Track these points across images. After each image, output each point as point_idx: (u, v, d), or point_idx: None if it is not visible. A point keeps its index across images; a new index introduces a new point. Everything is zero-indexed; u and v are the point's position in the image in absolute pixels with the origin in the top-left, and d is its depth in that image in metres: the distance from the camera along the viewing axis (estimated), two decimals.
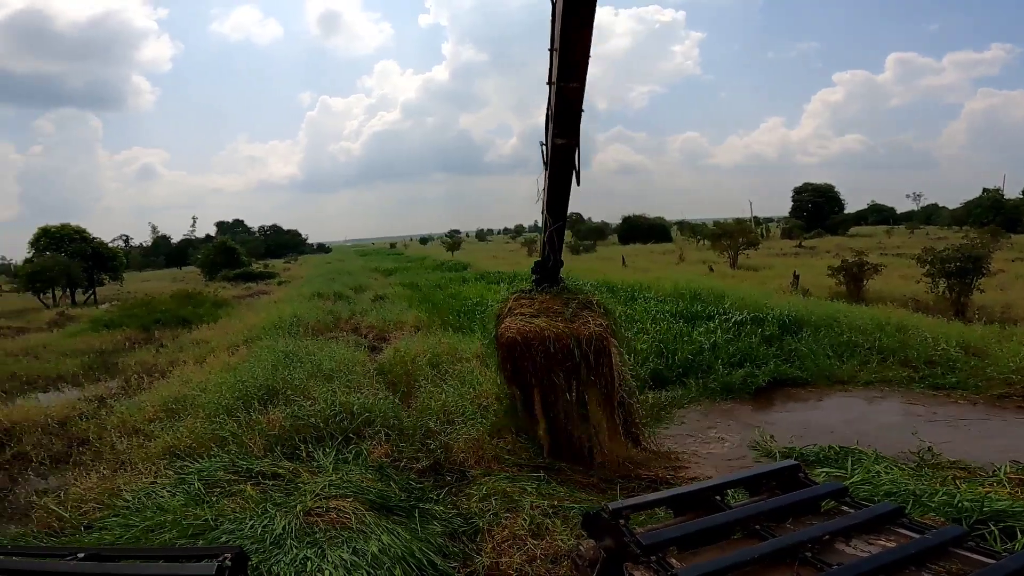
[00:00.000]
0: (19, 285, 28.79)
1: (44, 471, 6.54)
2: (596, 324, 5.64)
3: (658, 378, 8.23)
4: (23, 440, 7.19)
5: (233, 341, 12.05)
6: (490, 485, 5.04)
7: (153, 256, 77.62)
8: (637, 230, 61.57)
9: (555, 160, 5.07)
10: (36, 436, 7.30)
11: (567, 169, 5.15)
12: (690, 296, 13.32)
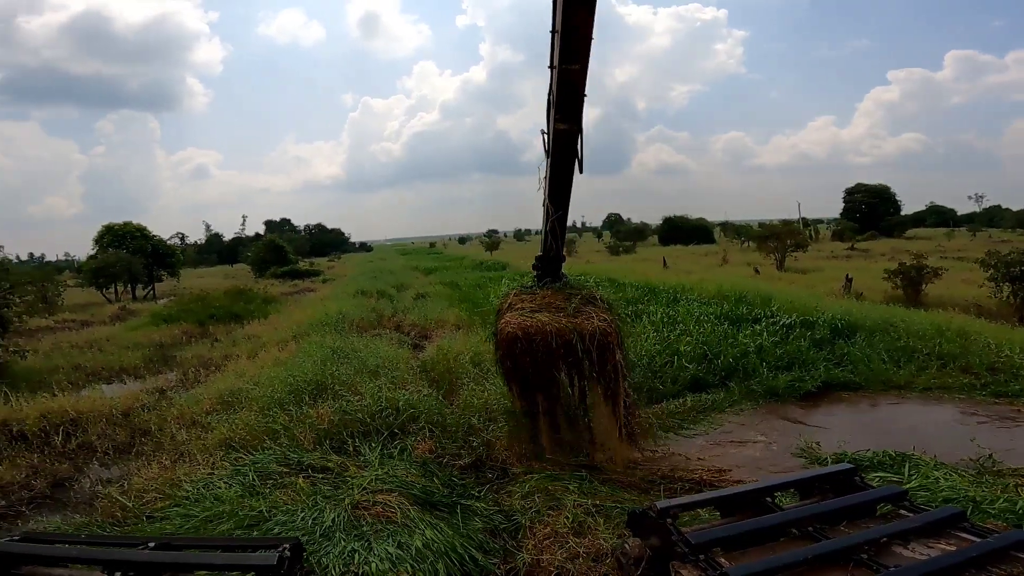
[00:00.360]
0: (84, 280, 30.54)
1: (108, 461, 6.83)
2: (600, 320, 5.45)
3: (699, 381, 8.10)
4: (88, 430, 7.45)
5: (282, 337, 12.47)
6: (532, 483, 5.07)
7: (206, 253, 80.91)
8: (678, 231, 60.51)
9: (556, 147, 4.91)
10: (101, 426, 7.57)
11: (569, 156, 5.00)
12: (735, 298, 13.00)
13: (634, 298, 14.04)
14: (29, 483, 6.12)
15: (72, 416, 7.71)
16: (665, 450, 6.13)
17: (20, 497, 5.83)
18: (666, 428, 6.74)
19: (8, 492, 5.91)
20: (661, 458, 5.92)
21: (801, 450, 5.90)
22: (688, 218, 64.64)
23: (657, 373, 8.09)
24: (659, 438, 6.48)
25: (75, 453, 7.03)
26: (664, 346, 8.91)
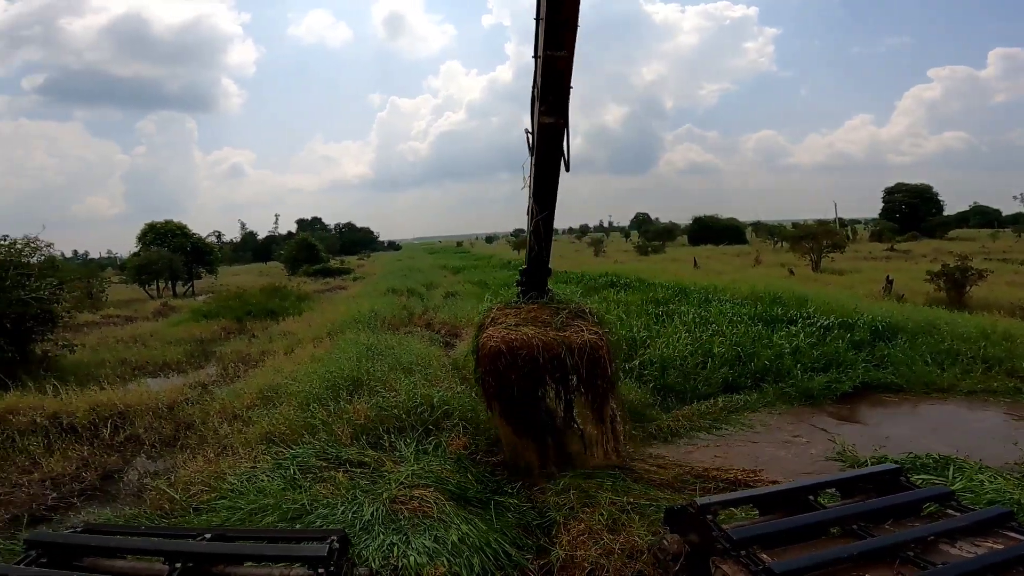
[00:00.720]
0: (127, 277, 31.73)
1: (154, 453, 7.00)
2: (590, 333, 5.15)
3: (732, 381, 8.04)
4: (135, 423, 7.67)
5: (317, 334, 12.74)
6: (566, 480, 5.11)
7: (241, 251, 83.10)
8: (709, 231, 59.58)
9: (541, 142, 4.58)
10: (147, 419, 7.76)
11: (555, 152, 4.66)
12: (769, 299, 12.79)
13: (664, 298, 13.91)
14: (80, 475, 6.26)
15: (120, 409, 7.91)
16: (697, 450, 6.11)
17: (71, 489, 5.96)
18: (698, 428, 6.72)
19: (60, 484, 6.04)
20: (694, 458, 5.91)
21: (837, 453, 5.81)
22: (719, 218, 63.62)
23: (689, 374, 8.04)
24: (692, 438, 6.46)
25: (123, 445, 7.21)
26: (696, 346, 8.83)
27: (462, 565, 4.00)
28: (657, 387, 7.74)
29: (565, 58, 4.07)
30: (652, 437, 6.49)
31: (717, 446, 6.26)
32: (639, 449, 6.12)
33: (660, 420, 6.85)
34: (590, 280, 20.83)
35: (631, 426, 6.43)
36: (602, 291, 16.81)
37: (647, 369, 8.25)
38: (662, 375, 7.97)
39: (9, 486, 5.92)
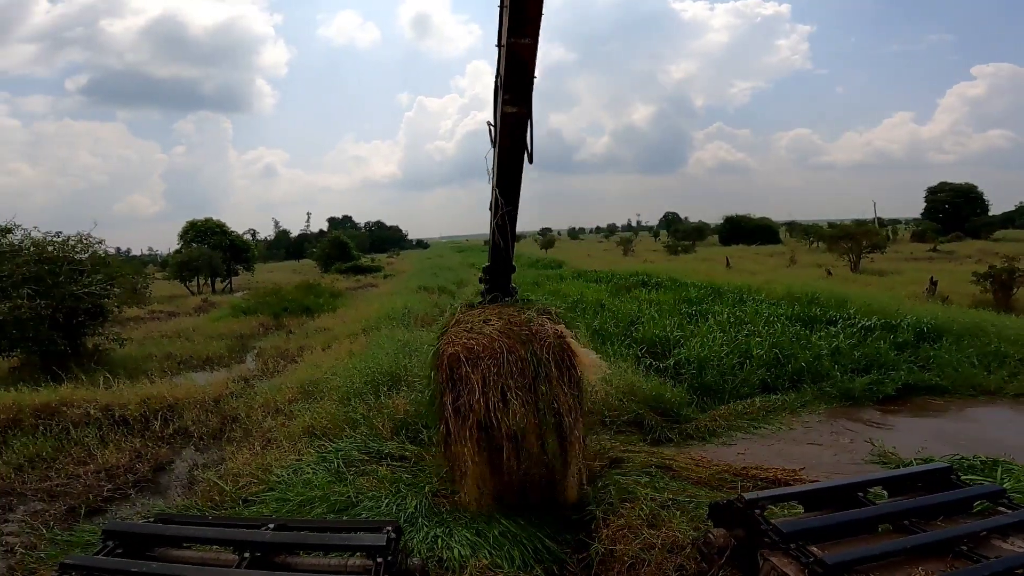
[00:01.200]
0: (169, 273, 32.84)
1: (203, 446, 7.19)
2: (555, 333, 4.68)
3: (770, 382, 7.95)
4: (184, 416, 7.88)
5: (352, 330, 13.00)
6: (605, 478, 5.14)
7: (275, 249, 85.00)
8: (741, 231, 58.38)
9: (505, 133, 4.38)
10: (195, 412, 7.97)
11: (519, 144, 4.45)
12: (806, 300, 12.55)
13: (698, 298, 13.77)
14: (133, 466, 6.43)
15: (169, 402, 8.14)
16: (736, 449, 6.08)
17: (126, 480, 6.12)
18: (736, 428, 6.67)
19: (114, 475, 6.20)
20: (732, 456, 5.87)
21: (879, 455, 5.71)
22: (751, 217, 62.33)
23: (726, 374, 7.97)
24: (730, 437, 6.43)
25: (172, 438, 7.42)
26: (733, 346, 8.74)
27: (503, 557, 4.09)
28: (693, 386, 7.70)
29: (529, 46, 3.96)
30: (689, 436, 6.47)
31: (756, 445, 6.21)
32: (677, 448, 6.12)
33: (698, 419, 6.82)
34: (620, 279, 20.70)
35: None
36: (633, 290, 16.71)
37: (683, 368, 8.20)
38: (699, 374, 7.92)
39: (66, 477, 6.11)
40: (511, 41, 3.95)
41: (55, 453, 6.69)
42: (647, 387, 7.16)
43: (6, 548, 4.66)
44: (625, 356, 8.67)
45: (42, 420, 7.46)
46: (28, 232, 11.72)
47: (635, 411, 6.72)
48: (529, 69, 4.11)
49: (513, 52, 4.01)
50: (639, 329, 10.16)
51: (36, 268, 10.82)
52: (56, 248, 11.74)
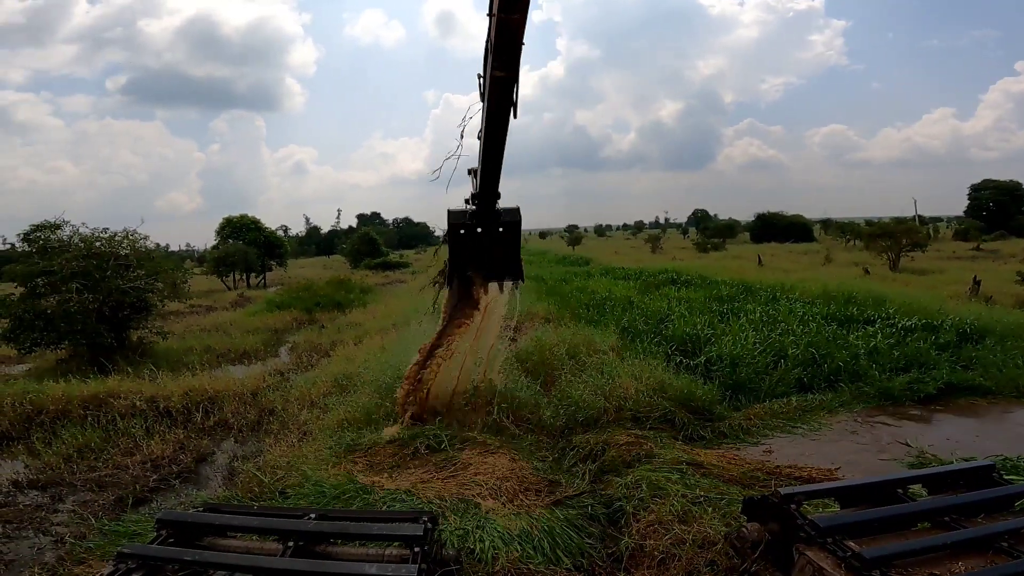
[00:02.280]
0: (207, 268, 33.81)
1: (241, 438, 7.38)
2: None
3: (806, 381, 7.81)
4: (224, 408, 8.10)
5: (383, 325, 13.23)
6: (635, 473, 5.15)
7: (306, 245, 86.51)
8: (773, 228, 57.16)
9: (493, 93, 4.97)
10: (234, 405, 8.18)
11: (505, 103, 5.06)
12: (843, 299, 12.26)
13: (729, 296, 13.57)
14: (177, 457, 6.62)
15: (210, 395, 8.39)
16: (770, 448, 6.00)
17: (170, 471, 6.28)
18: (771, 427, 6.57)
19: (159, 466, 6.38)
20: (766, 455, 5.81)
21: (918, 455, 5.57)
22: (784, 214, 60.94)
23: (759, 372, 7.86)
24: (764, 436, 6.35)
25: (213, 430, 7.63)
26: (766, 345, 8.61)
27: (535, 548, 4.15)
28: (725, 384, 7.61)
29: (518, 19, 4.29)
30: (722, 435, 6.40)
31: (791, 445, 6.12)
32: (709, 446, 6.08)
33: (731, 418, 6.75)
34: (648, 277, 20.53)
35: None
36: (662, 288, 16.57)
37: (714, 366, 8.12)
38: (731, 372, 7.83)
39: (113, 467, 6.34)
40: (502, 16, 4.28)
41: (103, 444, 6.95)
42: (678, 384, 7.12)
43: (56, 538, 4.82)
44: (655, 354, 8.62)
45: (90, 411, 7.78)
46: (76, 228, 12.20)
47: (666, 408, 6.68)
48: (518, 39, 4.48)
49: (504, 24, 4.35)
50: (669, 327, 10.08)
51: (84, 263, 11.25)
52: (103, 244, 12.18)
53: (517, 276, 6.82)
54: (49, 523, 5.13)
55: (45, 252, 11.45)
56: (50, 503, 5.59)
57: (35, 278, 11.03)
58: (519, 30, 4.41)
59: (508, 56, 4.64)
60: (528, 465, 5.45)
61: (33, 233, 11.90)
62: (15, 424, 7.57)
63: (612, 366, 7.68)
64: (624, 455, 5.71)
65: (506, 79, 4.83)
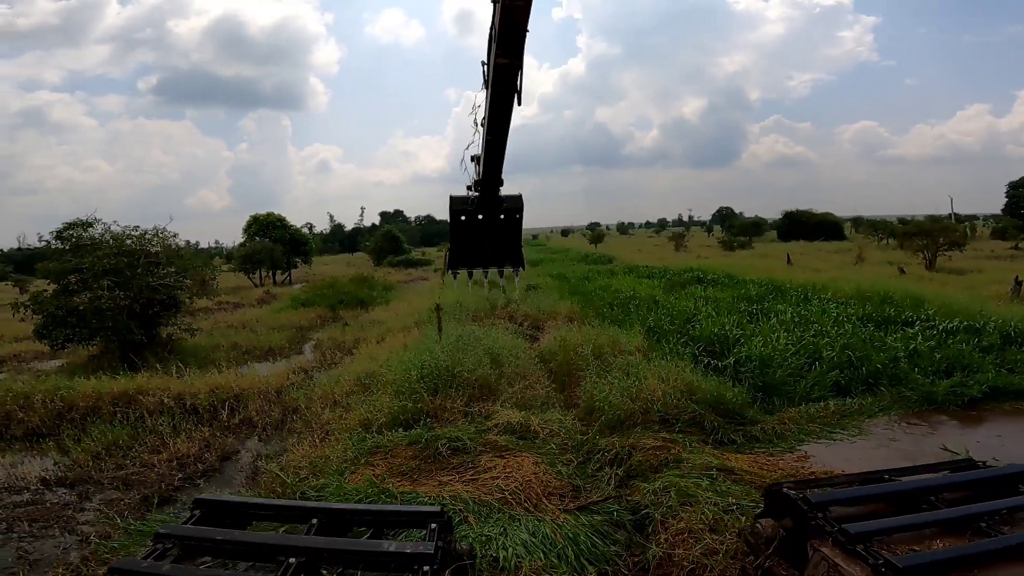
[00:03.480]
0: (234, 265, 34.41)
1: (265, 436, 7.38)
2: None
3: (842, 384, 7.52)
4: (248, 406, 8.12)
5: (405, 323, 13.23)
6: (663, 479, 4.99)
7: (330, 242, 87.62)
8: (802, 226, 55.83)
9: (497, 79, 4.95)
10: (259, 403, 8.20)
11: (509, 90, 5.05)
12: (879, 299, 11.83)
13: (757, 296, 13.21)
14: (203, 456, 6.64)
15: (236, 392, 8.43)
16: (806, 454, 5.77)
17: (195, 470, 6.30)
18: (807, 432, 6.32)
19: (185, 464, 6.41)
20: (801, 461, 5.57)
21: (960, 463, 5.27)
22: (813, 212, 59.51)
23: (792, 374, 7.59)
24: (799, 441, 6.10)
25: (238, 428, 7.66)
26: (799, 346, 8.33)
27: (559, 556, 4.03)
28: (755, 386, 7.36)
29: (522, 8, 4.27)
30: (754, 439, 6.16)
31: (827, 450, 5.86)
32: (740, 450, 5.87)
33: (764, 421, 6.51)
34: (673, 275, 20.18)
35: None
36: (688, 287, 16.25)
37: (743, 367, 7.87)
38: (761, 374, 7.57)
39: (140, 465, 6.37)
40: (507, 4, 4.28)
41: (131, 441, 7.02)
42: (706, 386, 6.90)
43: (81, 537, 4.84)
44: (682, 355, 8.39)
45: (120, 408, 7.89)
46: (108, 226, 12.43)
47: (695, 411, 6.48)
48: (522, 28, 4.46)
49: (509, 12, 4.33)
50: (696, 327, 9.83)
51: (115, 260, 11.46)
52: (134, 241, 12.40)
53: (518, 263, 6.92)
54: (75, 522, 5.16)
55: (77, 250, 11.68)
56: (77, 501, 5.63)
57: (67, 275, 11.27)
58: (523, 17, 4.37)
59: (512, 43, 4.62)
60: (551, 469, 5.33)
61: (66, 231, 12.16)
62: (46, 420, 7.70)
63: (638, 367, 7.49)
64: (651, 459, 5.56)
65: (509, 66, 4.84)
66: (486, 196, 6.50)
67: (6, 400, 7.94)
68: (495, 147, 5.82)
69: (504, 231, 6.87)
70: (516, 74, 4.88)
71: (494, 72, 4.90)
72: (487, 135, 5.70)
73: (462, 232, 6.86)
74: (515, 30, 4.49)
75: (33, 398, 8.00)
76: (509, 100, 5.22)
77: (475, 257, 6.88)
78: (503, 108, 5.32)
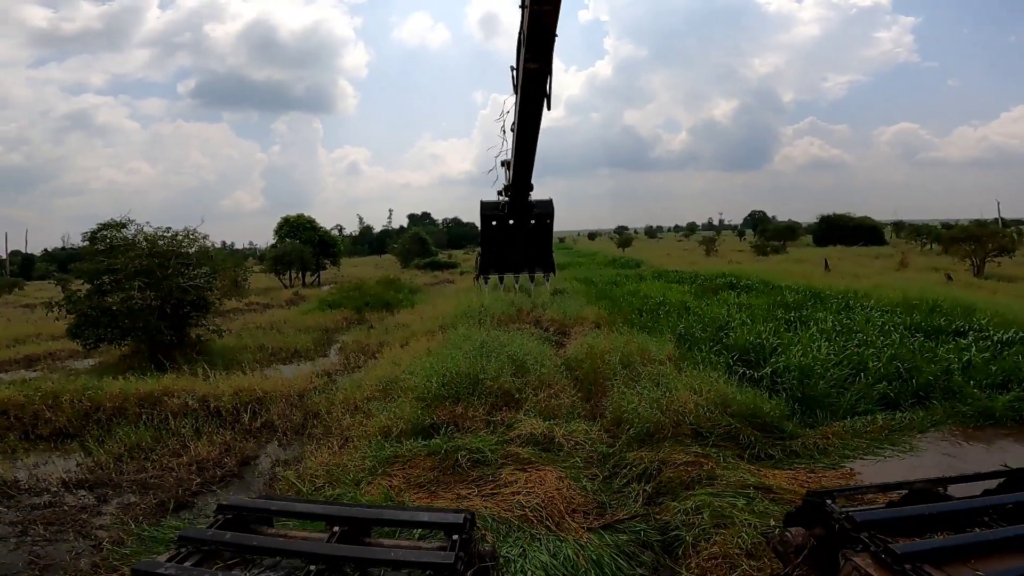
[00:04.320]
0: (266, 267, 35.03)
1: (285, 441, 7.25)
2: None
3: (890, 397, 7.07)
4: (271, 410, 8.01)
5: (430, 327, 13.05)
6: (695, 498, 4.68)
7: (359, 244, 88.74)
8: (839, 231, 54.06)
9: (527, 84, 4.90)
10: (281, 407, 8.09)
11: (538, 95, 4.99)
12: (927, 308, 11.19)
13: (795, 303, 12.67)
14: (222, 460, 6.52)
15: (259, 396, 8.34)
16: (852, 472, 5.38)
17: (214, 475, 6.17)
18: (852, 448, 5.92)
19: (204, 468, 6.29)
20: (846, 479, 5.20)
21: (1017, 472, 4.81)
22: (851, 216, 57.59)
23: (835, 386, 7.16)
24: (844, 459, 5.70)
25: (259, 432, 7.55)
26: (842, 357, 7.87)
27: None
28: (794, 398, 6.96)
29: (550, 12, 4.24)
30: (794, 454, 5.79)
31: (874, 468, 5.46)
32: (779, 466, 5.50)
33: (804, 436, 6.12)
34: (705, 280, 19.65)
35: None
36: (720, 293, 15.74)
37: (781, 378, 7.46)
38: (800, 385, 7.16)
39: (160, 469, 6.30)
40: (534, 8, 4.25)
41: (153, 443, 6.98)
42: (742, 399, 6.54)
43: (95, 542, 4.75)
44: (715, 364, 8.02)
45: (145, 409, 7.88)
46: (141, 227, 12.62)
47: (729, 424, 6.14)
48: (550, 32, 4.42)
49: (536, 16, 4.30)
50: (730, 335, 9.42)
51: (147, 261, 11.60)
52: (166, 242, 12.55)
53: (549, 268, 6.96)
54: (91, 526, 5.09)
55: (111, 250, 11.87)
56: (95, 504, 5.57)
57: (101, 275, 11.45)
58: (552, 22, 4.31)
59: (540, 48, 4.59)
60: (576, 484, 5.08)
61: (100, 231, 12.39)
62: (72, 421, 7.74)
63: (669, 377, 7.16)
64: (682, 475, 5.26)
65: (538, 71, 4.80)
66: (517, 201, 6.54)
67: (34, 400, 8.03)
68: (525, 152, 5.82)
69: (535, 236, 6.89)
70: (546, 79, 4.88)
71: (524, 77, 4.90)
72: (517, 140, 5.68)
73: (493, 237, 6.88)
74: (543, 34, 4.47)
75: (61, 398, 8.07)
76: (539, 105, 5.19)
77: (506, 262, 6.87)
78: (533, 113, 5.31)
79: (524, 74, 4.88)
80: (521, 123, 5.51)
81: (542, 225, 6.69)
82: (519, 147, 5.80)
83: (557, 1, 4.20)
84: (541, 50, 4.64)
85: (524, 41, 4.62)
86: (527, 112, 5.34)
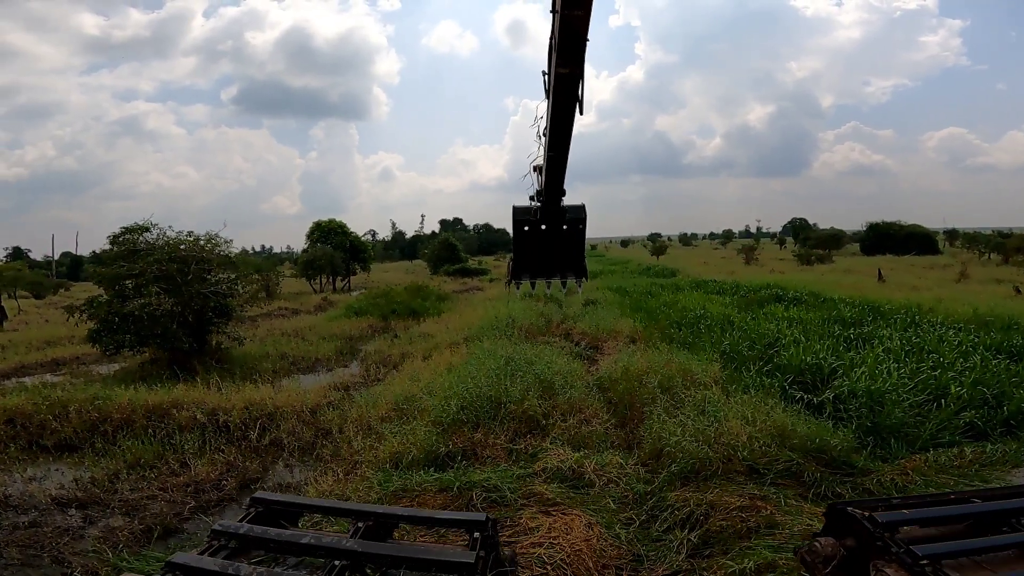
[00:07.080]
0: (297, 271, 35.28)
1: (292, 462, 6.80)
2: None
3: (975, 427, 6.15)
4: (281, 426, 7.55)
5: (454, 339, 12.48)
6: (754, 554, 3.95)
7: (391, 249, 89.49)
8: (889, 239, 51.49)
9: (558, 90, 4.93)
10: (292, 423, 7.63)
11: (570, 100, 5.03)
12: (1002, 325, 10.01)
13: (852, 318, 11.58)
14: (221, 482, 6.11)
15: (270, 410, 7.90)
16: None
17: (210, 498, 5.78)
18: (938, 485, 5.01)
19: (201, 490, 5.89)
20: None
21: None
22: (901, 223, 54.87)
23: (913, 415, 6.23)
24: None
25: (266, 449, 7.12)
26: (916, 381, 6.91)
27: None
28: (864, 428, 6.05)
29: (582, 17, 4.24)
30: (868, 493, 4.92)
31: None
32: None
33: (879, 472, 5.25)
34: (747, 291, 18.53)
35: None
36: (766, 305, 14.68)
37: (845, 405, 6.55)
38: (870, 413, 6.24)
39: (157, 488, 5.89)
40: (565, 13, 4.22)
41: (154, 459, 6.61)
42: (803, 430, 5.68)
43: (66, 572, 4.38)
44: (767, 388, 7.14)
45: (152, 422, 7.54)
46: (163, 231, 12.38)
47: (789, 459, 5.30)
48: (582, 37, 4.43)
49: (567, 21, 4.29)
50: (782, 354, 8.49)
51: (167, 266, 11.34)
52: (188, 247, 12.26)
53: (581, 274, 7.19)
54: (70, 551, 4.70)
55: (131, 255, 11.65)
56: (79, 526, 5.18)
57: (122, 280, 11.25)
58: (583, 26, 4.34)
59: (572, 52, 4.58)
60: (608, 532, 4.35)
61: (123, 235, 12.20)
62: (79, 432, 7.42)
63: (716, 404, 6.33)
64: (735, 523, 4.48)
65: (570, 76, 4.77)
66: (549, 206, 6.61)
67: (42, 409, 7.74)
68: (558, 157, 5.80)
69: (567, 241, 6.91)
70: (577, 83, 4.89)
71: (555, 82, 4.94)
72: (549, 144, 5.70)
73: (525, 242, 6.93)
74: (574, 39, 4.50)
75: (70, 408, 7.77)
76: (571, 110, 5.21)
77: (538, 267, 6.77)
78: (565, 118, 5.32)
79: (556, 79, 4.88)
80: (553, 128, 5.45)
81: (574, 230, 6.75)
82: (551, 152, 5.72)
83: (588, 6, 4.22)
84: (572, 54, 4.63)
85: (555, 46, 4.68)
86: (559, 117, 5.30)
